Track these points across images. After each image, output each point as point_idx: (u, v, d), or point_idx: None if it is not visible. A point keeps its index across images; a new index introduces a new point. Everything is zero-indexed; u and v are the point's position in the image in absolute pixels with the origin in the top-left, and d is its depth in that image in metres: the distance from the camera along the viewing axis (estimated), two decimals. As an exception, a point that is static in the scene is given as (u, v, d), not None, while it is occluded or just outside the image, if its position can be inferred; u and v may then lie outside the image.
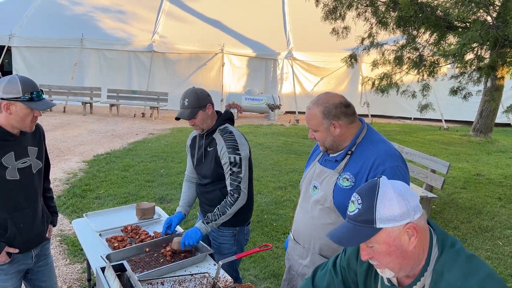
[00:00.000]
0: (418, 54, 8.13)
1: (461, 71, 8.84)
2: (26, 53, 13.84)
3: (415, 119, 14.30)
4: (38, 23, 14.29)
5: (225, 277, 2.13)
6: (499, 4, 6.68)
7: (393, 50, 8.47)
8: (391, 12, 7.72)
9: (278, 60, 14.16)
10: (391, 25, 7.99)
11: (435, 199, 5.31)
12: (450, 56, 6.33)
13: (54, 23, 14.43)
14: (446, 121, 13.08)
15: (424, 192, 5.13)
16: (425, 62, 8.06)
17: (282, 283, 2.20)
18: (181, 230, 2.61)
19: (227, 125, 2.52)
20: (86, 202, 5.13)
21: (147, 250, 2.36)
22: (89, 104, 12.62)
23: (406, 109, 13.70)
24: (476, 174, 7.31)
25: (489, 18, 6.36)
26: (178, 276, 2.07)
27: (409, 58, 8.23)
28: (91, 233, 2.65)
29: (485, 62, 7.16)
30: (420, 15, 6.66)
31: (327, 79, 14.25)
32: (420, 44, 8.10)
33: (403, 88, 8.67)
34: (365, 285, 1.44)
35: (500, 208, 5.63)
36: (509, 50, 6.32)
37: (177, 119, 2.44)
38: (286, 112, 14.19)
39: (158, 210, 3.06)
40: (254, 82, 14.15)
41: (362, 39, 9.12)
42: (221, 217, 2.37)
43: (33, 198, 2.17)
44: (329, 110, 1.80)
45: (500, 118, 10.84)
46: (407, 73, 8.40)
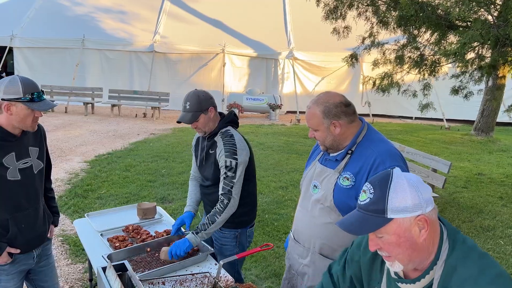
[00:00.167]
0: (419, 53, 8.10)
1: (462, 70, 8.81)
2: (27, 53, 13.86)
3: (416, 119, 14.30)
4: (40, 24, 14.31)
5: (226, 276, 2.13)
6: (500, 3, 6.66)
7: (394, 49, 8.45)
8: (392, 11, 7.71)
9: (279, 60, 14.16)
10: (392, 24, 7.97)
11: (437, 199, 5.31)
12: (451, 55, 6.30)
13: (55, 24, 14.45)
14: (448, 120, 13.06)
15: (425, 191, 5.12)
16: (426, 62, 8.03)
17: (282, 282, 2.20)
18: (186, 231, 2.58)
19: (229, 128, 2.47)
20: (88, 202, 5.14)
21: (148, 250, 2.37)
22: (90, 104, 12.63)
23: (407, 108, 13.68)
24: (477, 174, 7.30)
25: (490, 17, 6.34)
26: (179, 275, 2.08)
27: (410, 57, 8.20)
28: (93, 233, 2.66)
29: (486, 61, 7.14)
30: (421, 15, 6.65)
31: (328, 79, 14.25)
32: (421, 43, 8.08)
33: (404, 87, 8.64)
34: (369, 277, 1.41)
35: (501, 207, 5.63)
36: (510, 49, 6.31)
37: (178, 123, 2.40)
38: (287, 112, 14.19)
39: (159, 210, 3.06)
40: (255, 82, 14.16)
41: (363, 39, 9.11)
42: (210, 226, 2.30)
43: (34, 198, 2.17)
44: (329, 110, 1.81)
45: (501, 117, 10.80)
46: (408, 72, 8.37)
